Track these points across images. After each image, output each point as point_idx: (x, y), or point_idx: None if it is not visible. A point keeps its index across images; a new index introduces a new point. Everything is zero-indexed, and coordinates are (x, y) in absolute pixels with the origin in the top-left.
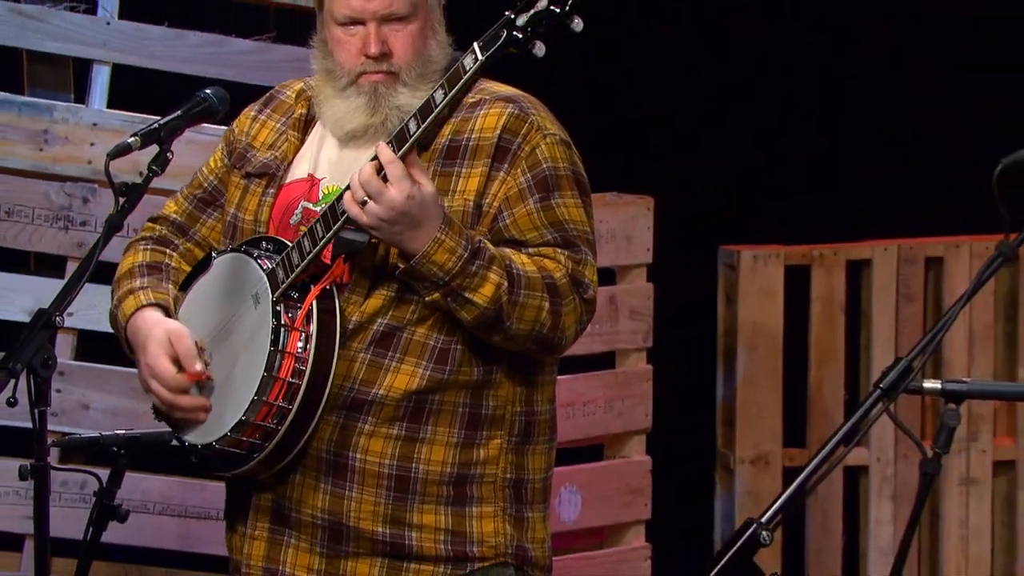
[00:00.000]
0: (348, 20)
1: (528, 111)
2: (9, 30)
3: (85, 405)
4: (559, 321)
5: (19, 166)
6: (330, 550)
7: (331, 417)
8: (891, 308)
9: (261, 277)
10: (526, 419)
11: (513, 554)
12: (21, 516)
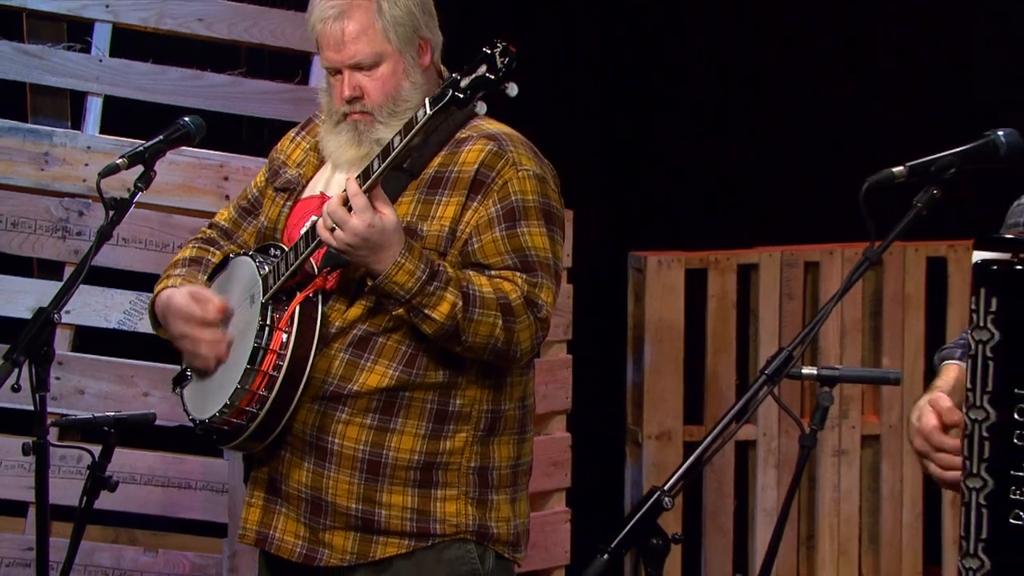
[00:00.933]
0: (330, 69)
1: (507, 148)
2: (15, 67)
3: (80, 391)
4: (512, 336)
5: (23, 184)
6: (312, 521)
7: (314, 405)
8: (775, 305)
9: (257, 280)
10: (492, 416)
11: (474, 531)
12: (24, 486)
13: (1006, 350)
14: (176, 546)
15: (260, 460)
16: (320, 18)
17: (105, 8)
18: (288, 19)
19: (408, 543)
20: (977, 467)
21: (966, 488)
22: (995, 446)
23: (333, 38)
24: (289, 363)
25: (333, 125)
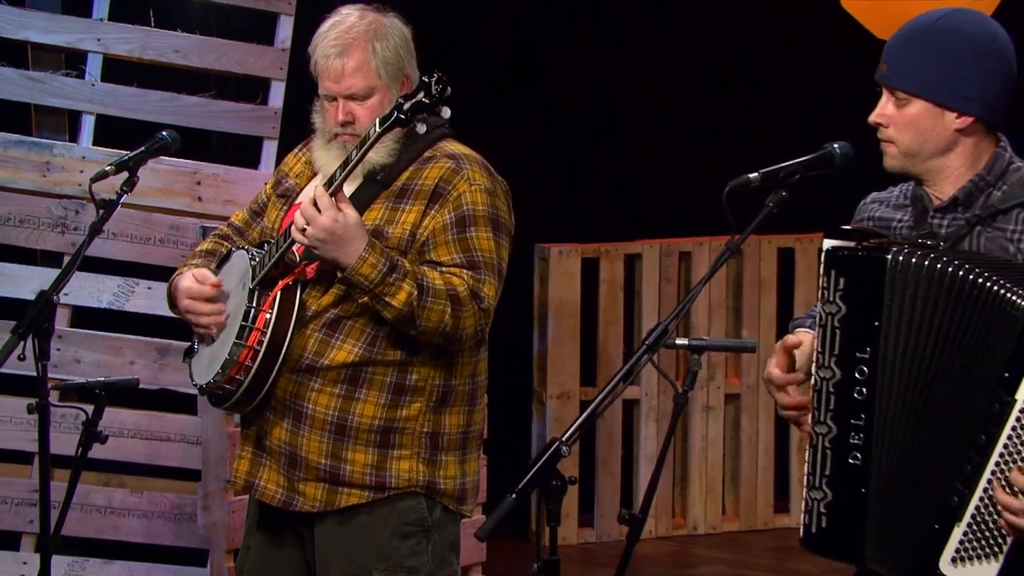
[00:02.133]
0: (327, 96)
1: (463, 166)
2: (21, 90)
3: (77, 360)
4: (459, 323)
5: (29, 188)
6: (289, 473)
7: (292, 376)
8: (655, 288)
9: (248, 270)
10: (443, 390)
11: (424, 486)
12: (29, 439)
13: (850, 321)
14: (158, 489)
15: (249, 420)
16: (324, 54)
17: (97, 41)
18: (250, 51)
19: (368, 494)
20: (824, 416)
21: (814, 433)
22: (839, 399)
23: (334, 72)
24: (270, 340)
25: (325, 142)
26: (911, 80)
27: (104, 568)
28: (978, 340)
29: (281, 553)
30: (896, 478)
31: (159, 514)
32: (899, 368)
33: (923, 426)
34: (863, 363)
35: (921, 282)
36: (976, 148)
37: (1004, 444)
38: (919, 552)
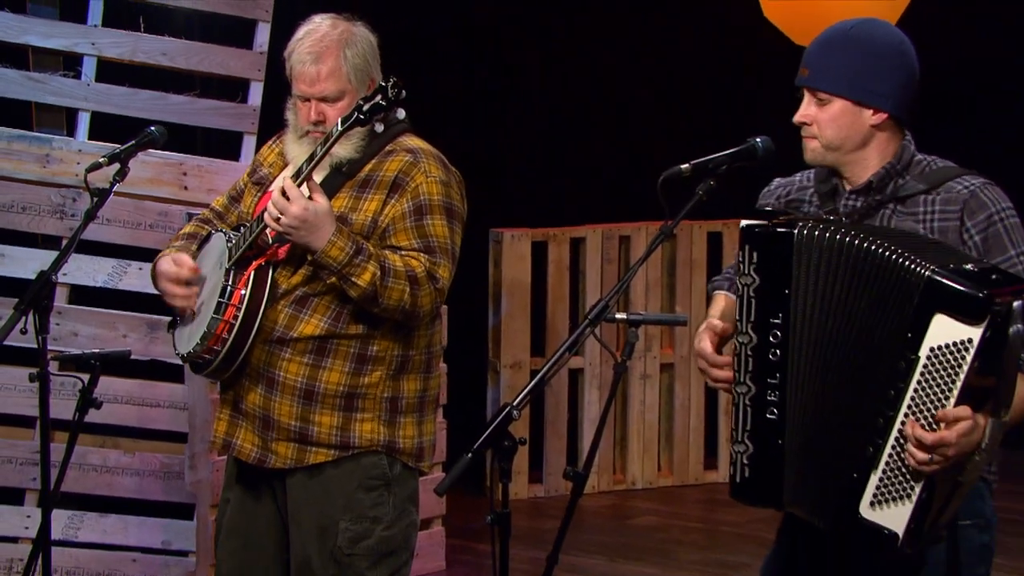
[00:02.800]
0: (300, 96)
1: (420, 160)
2: (23, 89)
3: (75, 333)
4: (417, 301)
5: (30, 178)
6: (263, 433)
7: (265, 347)
8: (597, 268)
9: (225, 251)
10: (401, 359)
11: (384, 445)
12: (31, 405)
13: (763, 290)
14: (148, 449)
15: (227, 386)
16: (299, 60)
17: (91, 45)
18: (231, 54)
19: (334, 453)
20: (744, 377)
21: (736, 393)
22: (756, 361)
23: (308, 76)
24: (244, 314)
25: (297, 137)
26: (832, 81)
27: (100, 521)
28: (881, 304)
29: (257, 506)
30: (812, 430)
31: (149, 472)
32: (808, 331)
33: (834, 383)
34: (776, 328)
35: (824, 252)
36: (888, 142)
37: (911, 397)
38: (841, 499)
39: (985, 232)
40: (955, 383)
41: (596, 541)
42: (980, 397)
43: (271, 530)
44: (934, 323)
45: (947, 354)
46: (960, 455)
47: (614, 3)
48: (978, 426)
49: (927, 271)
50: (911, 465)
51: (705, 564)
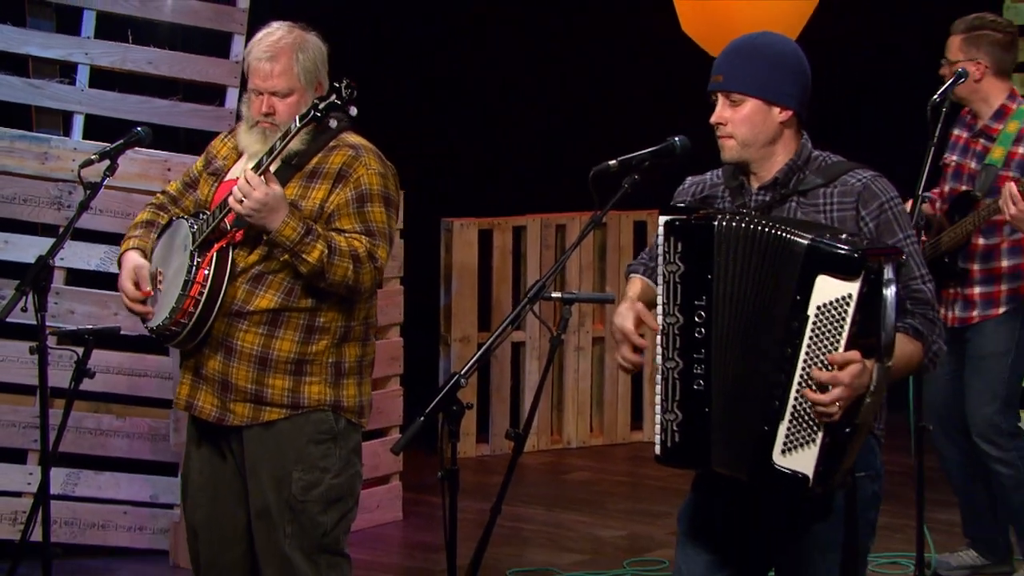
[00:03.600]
0: (254, 91)
1: (361, 154)
2: (24, 94)
3: (71, 311)
4: (359, 277)
5: (31, 173)
6: (222, 395)
7: (225, 319)
8: (537, 253)
9: (188, 235)
10: (344, 329)
11: (331, 404)
12: (32, 375)
13: (688, 277)
14: (137, 414)
15: (189, 355)
16: (257, 57)
17: (85, 55)
18: (210, 63)
19: (286, 411)
20: (672, 353)
21: (664, 368)
22: (683, 339)
23: (263, 72)
24: (209, 291)
25: (248, 128)
26: (744, 83)
27: (94, 478)
28: (777, 277)
29: (219, 461)
30: (732, 397)
31: (138, 435)
32: (728, 310)
33: (748, 352)
34: (701, 309)
35: (738, 240)
36: (792, 139)
37: (805, 351)
38: (756, 451)
39: (878, 219)
40: (841, 333)
41: (535, 494)
42: (863, 344)
43: (233, 482)
44: (817, 284)
45: (831, 309)
46: (853, 395)
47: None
48: (866, 368)
49: (807, 240)
50: (812, 410)
51: (631, 513)
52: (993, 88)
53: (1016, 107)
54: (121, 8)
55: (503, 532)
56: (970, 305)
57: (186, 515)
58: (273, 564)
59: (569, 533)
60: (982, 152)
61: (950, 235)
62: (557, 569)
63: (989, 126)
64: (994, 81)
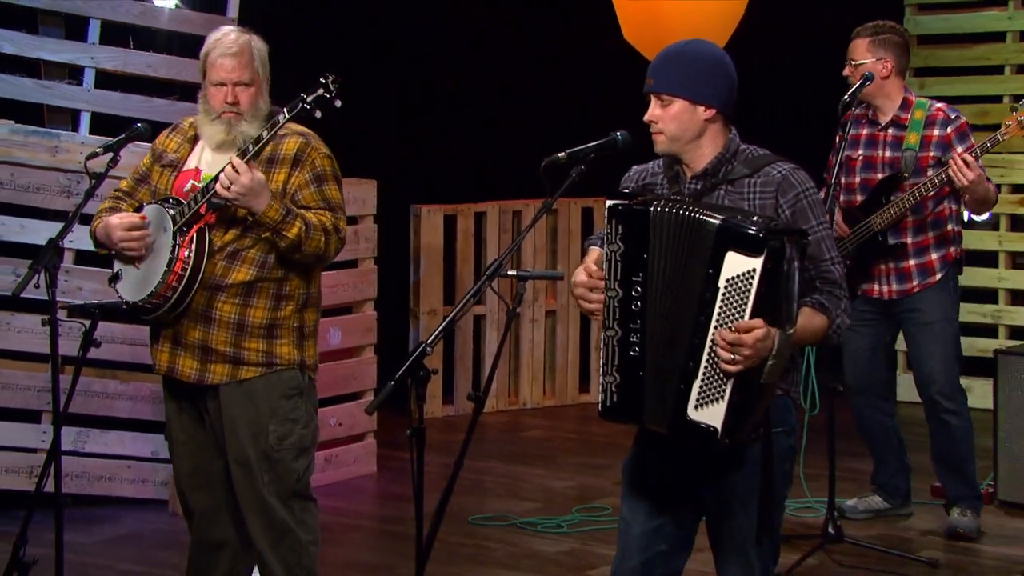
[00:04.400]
0: (217, 83)
1: (311, 141)
2: (37, 94)
3: (79, 288)
4: (328, 248)
5: (43, 164)
6: (202, 358)
7: (205, 292)
8: (496, 236)
9: (166, 217)
10: (305, 296)
11: (297, 363)
12: (44, 345)
13: (627, 255)
14: (139, 379)
15: (166, 325)
16: (220, 54)
17: (91, 59)
18: None
19: (261, 370)
20: (612, 323)
21: (606, 336)
22: (622, 311)
23: (228, 67)
24: (191, 267)
25: (211, 120)
26: (671, 86)
27: (101, 436)
28: (695, 254)
29: (199, 418)
30: (660, 360)
31: (141, 397)
32: (660, 285)
33: (675, 321)
34: (637, 284)
35: (670, 223)
36: (718, 134)
37: (716, 318)
38: (675, 407)
39: (794, 207)
40: (747, 303)
41: (494, 449)
42: (767, 313)
43: (210, 437)
44: (727, 259)
45: (738, 282)
46: (756, 355)
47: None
48: (769, 334)
49: (718, 220)
50: (720, 368)
51: (579, 466)
52: (895, 85)
53: (915, 99)
54: (123, 17)
55: (465, 483)
56: (907, 277)
57: (174, 470)
58: (254, 509)
59: (524, 484)
60: (894, 141)
61: (883, 215)
62: (513, 515)
63: (899, 116)
64: (896, 79)
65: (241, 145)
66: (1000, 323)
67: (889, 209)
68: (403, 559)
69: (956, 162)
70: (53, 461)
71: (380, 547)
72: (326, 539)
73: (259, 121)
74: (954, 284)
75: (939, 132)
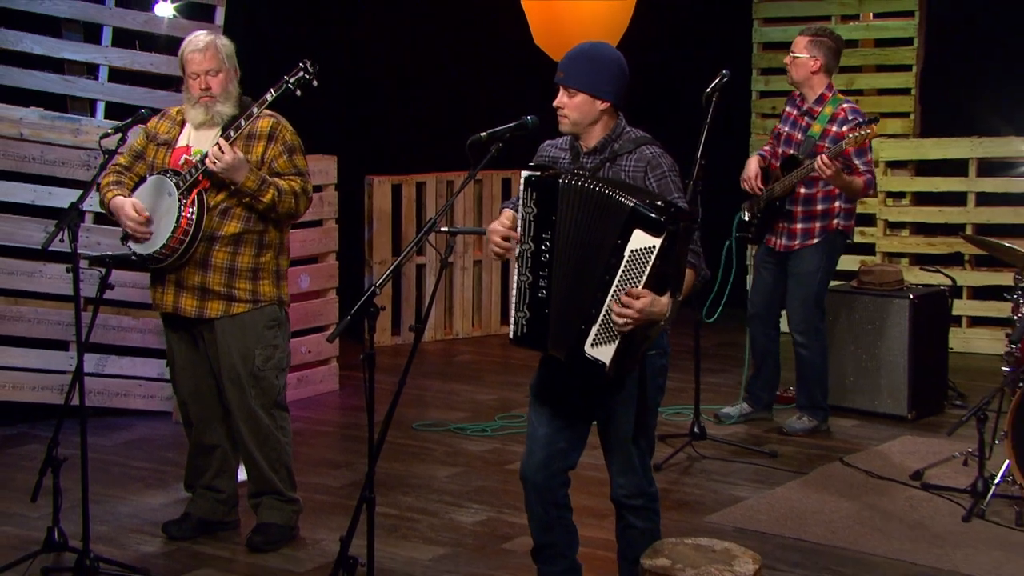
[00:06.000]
0: (192, 74)
1: (281, 120)
2: (61, 87)
3: (97, 242)
4: (298, 207)
5: (67, 144)
6: (200, 297)
7: (202, 244)
8: (434, 201)
9: (169, 185)
10: (280, 245)
11: (276, 300)
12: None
13: (539, 217)
14: (147, 316)
15: (169, 271)
16: (191, 51)
17: (105, 58)
18: None
19: (249, 306)
20: (524, 271)
21: (519, 280)
22: (533, 261)
23: (197, 60)
24: (195, 223)
25: (192, 104)
26: (576, 81)
27: (117, 361)
28: (607, 225)
29: (196, 347)
30: (564, 303)
31: (149, 330)
32: (565, 243)
33: (580, 274)
34: (546, 240)
35: (576, 194)
36: (610, 120)
37: (618, 280)
38: (574, 341)
39: (659, 182)
40: (644, 272)
41: (432, 370)
42: (660, 282)
43: (205, 361)
44: (633, 235)
45: (640, 254)
46: (645, 319)
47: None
48: (657, 301)
49: (632, 203)
50: (614, 321)
51: (501, 383)
52: (819, 80)
53: (831, 95)
54: (130, 25)
55: (408, 397)
56: (793, 236)
57: (175, 389)
58: (244, 418)
59: (457, 397)
60: (805, 127)
61: (781, 185)
62: (448, 422)
63: (812, 108)
64: (821, 75)
65: (219, 122)
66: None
67: (784, 181)
68: (359, 457)
69: (819, 160)
70: (78, 381)
71: (341, 448)
72: (298, 442)
73: (231, 102)
74: (830, 249)
75: (836, 129)
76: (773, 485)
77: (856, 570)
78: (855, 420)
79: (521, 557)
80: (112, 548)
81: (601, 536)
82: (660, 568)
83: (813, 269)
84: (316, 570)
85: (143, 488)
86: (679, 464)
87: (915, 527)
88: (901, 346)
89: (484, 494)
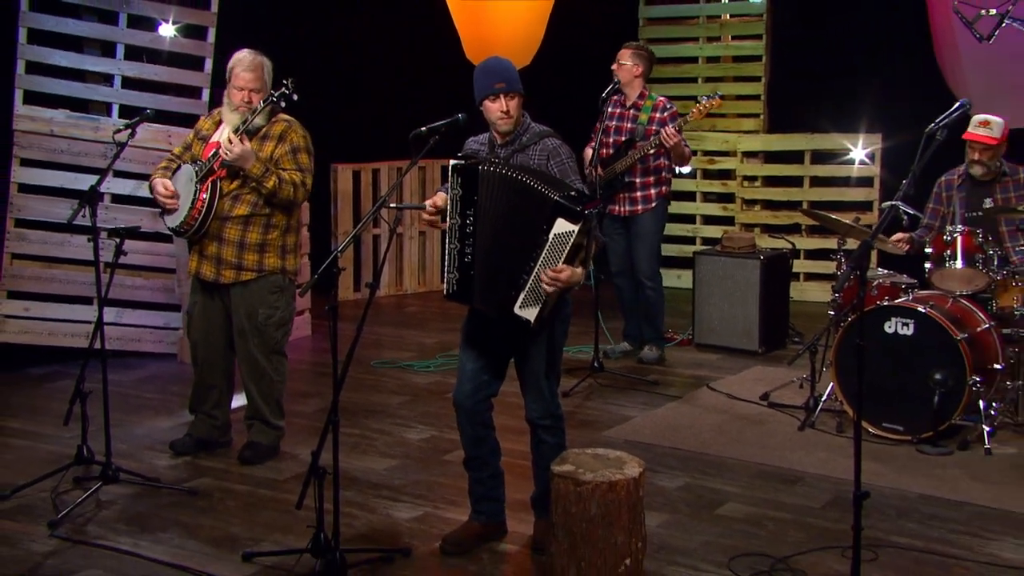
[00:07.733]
0: (238, 87)
1: (293, 124)
2: (84, 93)
3: (114, 218)
4: (296, 196)
5: (89, 139)
6: (216, 266)
7: (217, 221)
8: (387, 184)
9: (191, 173)
10: (286, 225)
11: (281, 270)
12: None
13: (464, 198)
14: (156, 277)
15: (195, 243)
16: (243, 68)
17: (118, 70)
18: (191, 75)
19: (255, 273)
20: (454, 240)
21: (449, 248)
22: (460, 231)
23: (246, 78)
24: (207, 205)
25: (232, 110)
26: (517, 86)
27: (132, 313)
28: (533, 212)
29: (213, 304)
30: (489, 268)
31: (157, 289)
32: (486, 218)
33: (501, 244)
34: (470, 215)
35: (495, 179)
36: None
37: (543, 256)
38: (504, 302)
39: (559, 168)
40: (564, 251)
41: (385, 319)
42: (576, 257)
43: (219, 314)
44: (556, 222)
45: (561, 237)
46: (564, 286)
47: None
48: (575, 273)
49: (556, 196)
50: (541, 289)
51: (442, 329)
52: (639, 84)
53: (648, 93)
54: (139, 42)
55: (367, 340)
56: (635, 202)
57: (190, 333)
58: (246, 361)
59: (406, 340)
60: (633, 117)
61: (623, 162)
62: (399, 360)
63: (637, 102)
64: (641, 79)
65: (251, 129)
66: (697, 235)
67: (625, 160)
68: (327, 388)
69: (665, 131)
70: (99, 329)
71: (313, 381)
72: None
73: (265, 112)
74: (663, 210)
75: (659, 115)
76: (655, 407)
77: (719, 471)
78: (718, 355)
79: (457, 466)
80: (129, 461)
81: (519, 448)
82: (566, 472)
83: (653, 229)
84: (293, 478)
85: (153, 414)
86: (582, 391)
87: (763, 436)
88: (753, 296)
89: (428, 417)
